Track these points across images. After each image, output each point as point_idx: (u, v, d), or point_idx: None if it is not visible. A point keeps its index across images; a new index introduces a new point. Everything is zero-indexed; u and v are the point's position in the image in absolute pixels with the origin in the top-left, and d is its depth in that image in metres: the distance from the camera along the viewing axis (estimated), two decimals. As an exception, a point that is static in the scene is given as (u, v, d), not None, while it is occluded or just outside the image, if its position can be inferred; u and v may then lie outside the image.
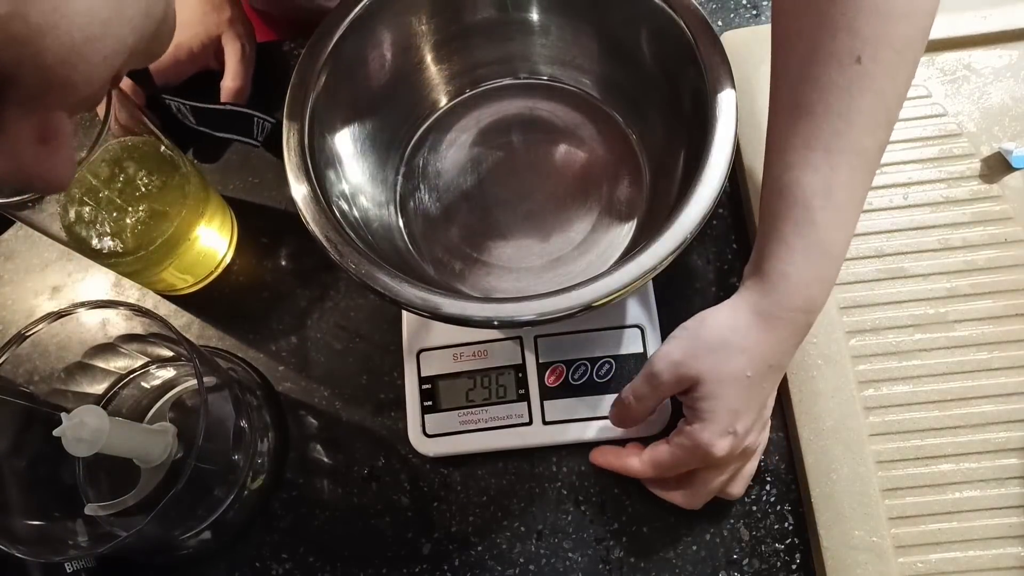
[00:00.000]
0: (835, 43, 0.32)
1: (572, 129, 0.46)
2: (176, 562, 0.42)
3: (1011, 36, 0.47)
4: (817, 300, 0.34)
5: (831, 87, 0.32)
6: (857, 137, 0.32)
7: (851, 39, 0.31)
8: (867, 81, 0.31)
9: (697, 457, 0.35)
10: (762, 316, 0.34)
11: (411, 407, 0.43)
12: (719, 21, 0.52)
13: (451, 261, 0.43)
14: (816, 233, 0.33)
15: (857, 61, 0.31)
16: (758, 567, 0.40)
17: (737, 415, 0.34)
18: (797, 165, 0.33)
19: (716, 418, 0.34)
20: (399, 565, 0.41)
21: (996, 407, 0.40)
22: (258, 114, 0.48)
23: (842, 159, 0.33)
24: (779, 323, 0.34)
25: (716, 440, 0.34)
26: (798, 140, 0.33)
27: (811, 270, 0.33)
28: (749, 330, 0.34)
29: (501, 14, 0.44)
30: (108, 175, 0.40)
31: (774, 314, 0.34)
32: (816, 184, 0.33)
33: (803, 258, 0.33)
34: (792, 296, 0.34)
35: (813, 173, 0.33)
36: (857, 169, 0.33)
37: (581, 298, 0.32)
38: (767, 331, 0.34)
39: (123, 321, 0.39)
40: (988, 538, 0.38)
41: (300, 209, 0.36)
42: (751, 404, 0.35)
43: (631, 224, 0.43)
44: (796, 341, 0.35)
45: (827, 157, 0.33)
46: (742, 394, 0.34)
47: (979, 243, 0.43)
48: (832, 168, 0.33)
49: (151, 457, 0.38)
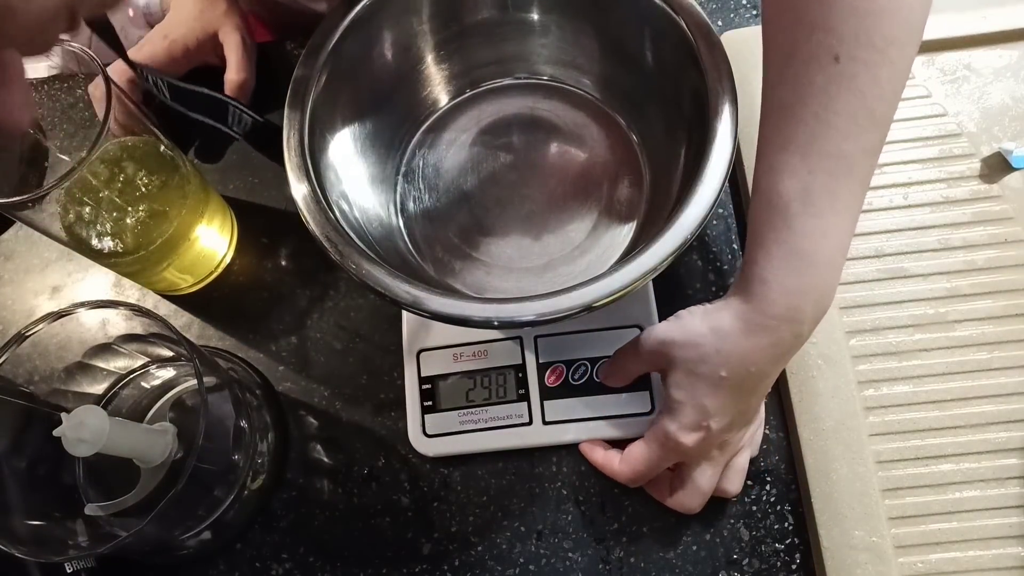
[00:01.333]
0: (812, 42, 0.31)
1: (572, 129, 0.46)
2: (176, 562, 0.42)
3: (1011, 36, 0.47)
4: (803, 310, 0.32)
5: (808, 87, 0.31)
6: (836, 140, 0.31)
7: (828, 38, 0.30)
8: (845, 81, 0.30)
9: (668, 449, 0.35)
10: (743, 321, 0.33)
11: (411, 407, 0.43)
12: (719, 21, 0.52)
13: (451, 261, 0.43)
14: (794, 240, 0.32)
15: (835, 60, 0.30)
16: (758, 567, 0.40)
17: (707, 413, 0.34)
18: (775, 169, 0.33)
19: (684, 410, 0.34)
20: (399, 565, 0.41)
21: (996, 407, 0.40)
22: (235, 103, 0.47)
23: (819, 163, 0.31)
24: (760, 330, 0.33)
25: (683, 432, 0.35)
26: (778, 142, 0.33)
27: (792, 279, 0.32)
28: (729, 332, 0.33)
29: (501, 14, 0.44)
30: (108, 175, 0.40)
31: (754, 320, 0.33)
32: (793, 189, 0.32)
33: (782, 266, 0.32)
34: (773, 304, 0.32)
35: (790, 177, 0.32)
36: (837, 174, 0.31)
37: (581, 298, 0.32)
38: (747, 336, 0.33)
39: (123, 321, 0.39)
40: (988, 538, 0.38)
41: (300, 209, 0.36)
42: (726, 405, 0.34)
43: (631, 224, 0.43)
44: (782, 351, 0.34)
45: (804, 161, 0.31)
46: (714, 393, 0.34)
47: (979, 243, 0.43)
48: (810, 172, 0.31)
49: (151, 457, 0.38)
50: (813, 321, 0.33)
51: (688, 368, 0.34)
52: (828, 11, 0.30)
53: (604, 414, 0.41)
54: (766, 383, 0.35)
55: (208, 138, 0.51)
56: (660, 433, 0.36)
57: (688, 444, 0.35)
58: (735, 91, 0.36)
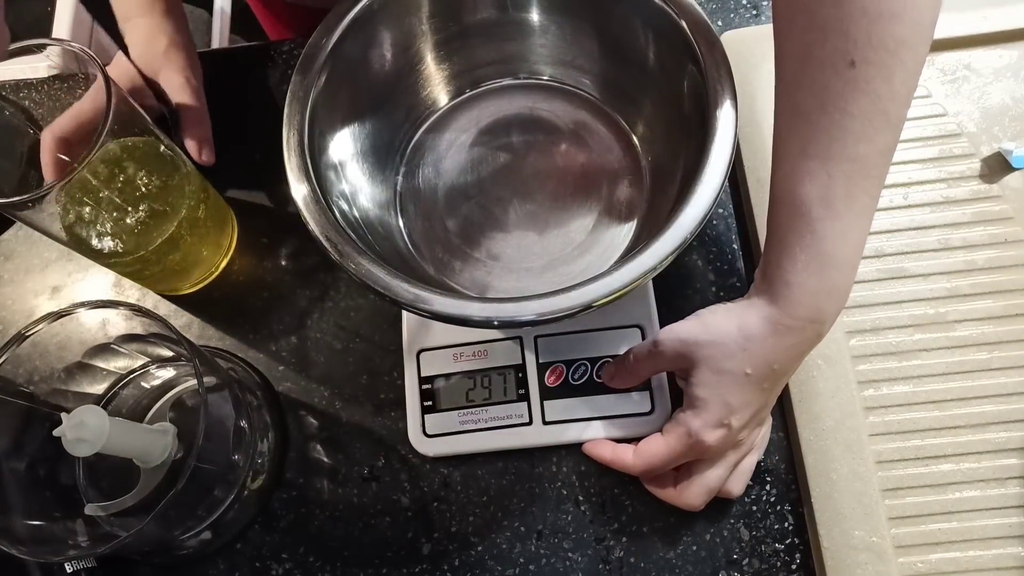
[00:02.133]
0: (827, 47, 0.31)
1: (572, 129, 0.46)
2: (176, 562, 0.42)
3: (1011, 36, 0.47)
4: (826, 311, 0.34)
5: (826, 92, 0.32)
6: (853, 143, 0.32)
7: (843, 42, 0.31)
8: (862, 85, 0.31)
9: (689, 445, 0.36)
10: (769, 322, 0.34)
11: (411, 407, 0.43)
12: (719, 21, 0.52)
13: (451, 261, 0.43)
14: (818, 244, 0.33)
15: (851, 65, 0.31)
16: (758, 567, 0.40)
17: (732, 409, 0.35)
18: (796, 173, 0.33)
19: (709, 407, 0.35)
20: (399, 565, 0.41)
21: (996, 407, 0.40)
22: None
23: (838, 167, 0.32)
24: (786, 331, 0.34)
25: (707, 429, 0.35)
26: (796, 147, 0.33)
27: (815, 281, 0.33)
28: (756, 332, 0.34)
29: (501, 14, 0.44)
30: (108, 175, 0.40)
31: (781, 322, 0.34)
32: (813, 194, 0.33)
33: (806, 269, 0.33)
34: (798, 306, 0.34)
35: (811, 182, 0.33)
36: (855, 176, 0.32)
37: (581, 298, 0.33)
38: (773, 336, 0.34)
39: (123, 321, 0.39)
40: (988, 538, 0.38)
41: (300, 209, 0.36)
42: (749, 401, 0.35)
43: (631, 224, 0.43)
44: (804, 349, 0.35)
45: (824, 165, 0.32)
46: (739, 390, 0.35)
47: (979, 243, 0.43)
48: (829, 176, 0.32)
49: (151, 457, 0.38)
50: (833, 319, 0.35)
51: (714, 366, 0.35)
52: (840, 14, 0.31)
53: (604, 414, 0.41)
54: (784, 380, 0.37)
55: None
56: (683, 429, 0.36)
57: (710, 441, 0.35)
58: (735, 91, 0.36)
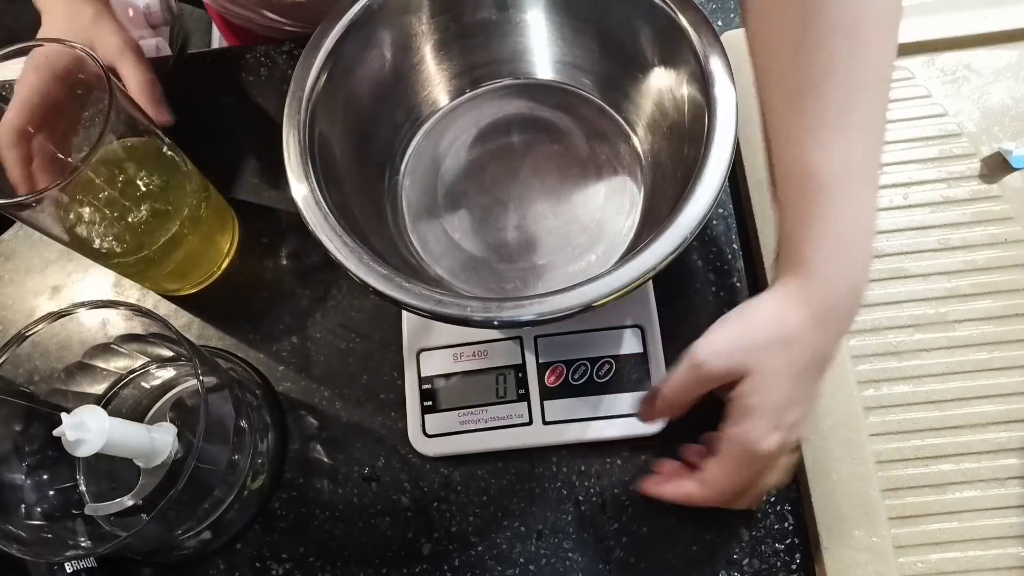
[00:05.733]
0: (828, 15, 0.31)
1: (572, 129, 0.46)
2: (176, 562, 0.42)
3: (1011, 36, 0.47)
4: (859, 282, 0.33)
5: (833, 60, 0.31)
6: (865, 108, 0.32)
7: (842, 9, 0.31)
8: (865, 49, 0.31)
9: (752, 460, 0.33)
10: (810, 311, 0.33)
11: (411, 407, 0.43)
12: (719, 21, 0.52)
13: (451, 261, 0.43)
14: (844, 216, 0.32)
15: (855, 30, 0.31)
16: (758, 567, 0.40)
17: (785, 408, 0.33)
18: (812, 149, 0.33)
19: (765, 413, 0.33)
20: (399, 565, 0.41)
21: (996, 407, 0.40)
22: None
23: (854, 134, 0.32)
24: (829, 315, 0.33)
25: (765, 436, 0.33)
26: (807, 122, 0.33)
27: (843, 256, 0.32)
28: (798, 323, 0.33)
29: (501, 14, 0.44)
30: (109, 175, 0.40)
31: (821, 306, 0.33)
32: (834, 164, 0.32)
33: (835, 243, 0.32)
34: (834, 285, 0.33)
35: (829, 154, 0.32)
36: (869, 143, 0.32)
37: (581, 298, 0.32)
38: (816, 323, 0.33)
39: (123, 321, 0.39)
40: (988, 538, 0.38)
41: (300, 209, 0.36)
42: (801, 395, 0.34)
43: (631, 224, 0.43)
44: (845, 327, 0.34)
45: (841, 133, 0.32)
46: (791, 386, 0.33)
47: (979, 243, 0.43)
48: (847, 143, 0.32)
49: (151, 457, 0.38)
50: (866, 288, 0.33)
51: (768, 369, 0.33)
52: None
53: (604, 414, 0.41)
54: (828, 364, 0.35)
55: (210, 138, 0.51)
56: (742, 448, 0.33)
57: (771, 449, 0.33)
58: (735, 91, 0.36)
